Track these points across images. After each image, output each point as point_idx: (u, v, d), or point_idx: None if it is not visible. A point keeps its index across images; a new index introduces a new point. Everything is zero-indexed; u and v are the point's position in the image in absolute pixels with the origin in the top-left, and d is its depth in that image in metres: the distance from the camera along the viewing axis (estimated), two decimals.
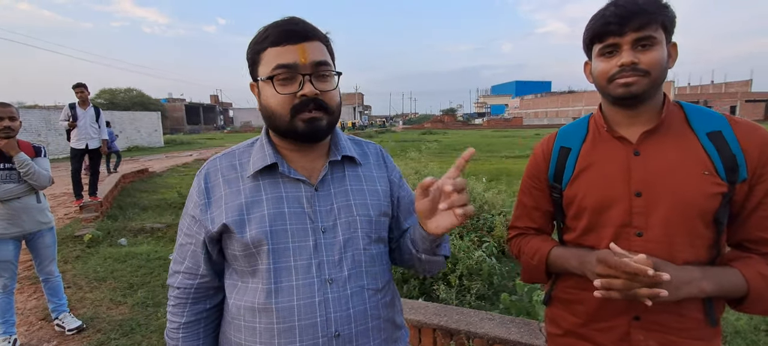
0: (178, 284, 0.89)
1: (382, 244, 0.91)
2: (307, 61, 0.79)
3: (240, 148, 0.92)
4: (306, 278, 0.80)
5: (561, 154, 1.03)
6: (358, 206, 0.87)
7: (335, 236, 0.83)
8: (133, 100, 38.30)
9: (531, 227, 1.12)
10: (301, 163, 0.88)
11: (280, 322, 0.79)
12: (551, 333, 1.10)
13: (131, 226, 5.35)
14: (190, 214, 0.88)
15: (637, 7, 0.83)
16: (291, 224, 0.82)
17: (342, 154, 0.89)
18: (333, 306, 0.80)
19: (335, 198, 0.86)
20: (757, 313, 0.87)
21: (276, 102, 0.80)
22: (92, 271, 3.88)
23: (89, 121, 5.82)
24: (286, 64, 0.78)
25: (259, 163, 0.85)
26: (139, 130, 20.82)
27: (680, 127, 0.91)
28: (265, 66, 0.81)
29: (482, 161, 13.09)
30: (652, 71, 0.85)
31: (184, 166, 11.62)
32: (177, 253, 0.90)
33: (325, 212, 0.84)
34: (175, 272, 0.90)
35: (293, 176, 0.85)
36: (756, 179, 0.85)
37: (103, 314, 3.10)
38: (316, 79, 0.80)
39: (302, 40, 0.79)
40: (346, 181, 0.89)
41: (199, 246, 0.86)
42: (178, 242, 0.91)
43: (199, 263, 0.87)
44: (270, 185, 0.85)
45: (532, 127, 48.44)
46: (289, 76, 0.79)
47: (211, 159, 0.91)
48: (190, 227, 0.87)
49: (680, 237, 0.86)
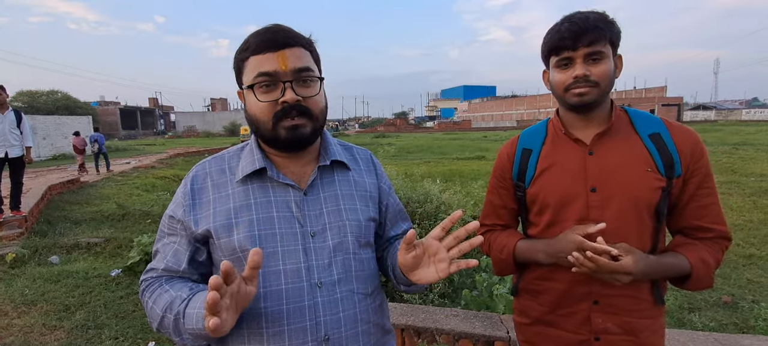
0: (156, 275, 0.84)
1: (370, 249, 0.93)
2: (288, 68, 0.79)
3: (229, 152, 0.91)
4: (295, 282, 0.80)
5: (523, 156, 1.11)
6: (348, 210, 0.88)
7: (325, 240, 0.84)
8: (57, 103, 34.57)
9: (498, 224, 1.20)
10: (291, 168, 0.88)
11: (269, 326, 0.79)
12: (520, 323, 1.18)
13: (63, 242, 4.85)
14: (170, 214, 0.86)
15: (588, 25, 0.93)
16: (280, 228, 0.82)
17: (331, 159, 0.90)
18: (322, 310, 0.81)
19: (325, 202, 0.87)
20: (696, 289, 1.00)
21: (258, 109, 0.80)
22: (19, 294, 3.46)
23: (8, 127, 5.16)
24: (266, 72, 0.78)
25: (248, 167, 0.85)
26: (66, 137, 18.86)
27: (626, 129, 1.03)
28: (248, 74, 0.81)
29: (435, 163, 13.48)
30: (601, 82, 0.96)
31: (121, 175, 10.71)
32: (158, 254, 0.87)
33: (315, 216, 0.85)
34: (152, 268, 0.86)
35: (282, 180, 0.85)
36: (689, 175, 0.99)
37: (34, 341, 2.78)
38: (297, 85, 0.80)
39: (282, 48, 0.80)
40: (336, 185, 0.90)
41: (183, 245, 0.84)
42: (158, 245, 0.88)
43: (181, 260, 0.84)
44: (259, 189, 0.84)
45: (479, 129, 50.66)
46: (271, 83, 0.79)
47: (200, 163, 0.90)
48: (172, 227, 0.85)
49: (630, 227, 0.97)
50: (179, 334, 0.76)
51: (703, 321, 3.00)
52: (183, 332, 0.75)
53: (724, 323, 2.99)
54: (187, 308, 0.75)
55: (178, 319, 0.75)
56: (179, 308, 0.75)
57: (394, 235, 1.01)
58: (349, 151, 0.99)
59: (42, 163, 14.41)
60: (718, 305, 3.29)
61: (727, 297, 3.39)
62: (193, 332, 0.73)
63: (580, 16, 0.95)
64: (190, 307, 0.74)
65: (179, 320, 0.75)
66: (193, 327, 0.72)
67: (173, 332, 0.77)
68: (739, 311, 3.17)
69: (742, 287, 3.62)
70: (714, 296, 3.41)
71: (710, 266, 0.97)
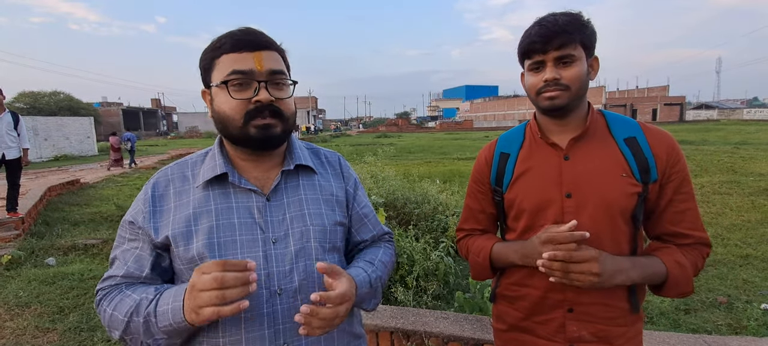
0: (114, 282, 0.80)
1: (337, 253, 0.91)
2: (264, 68, 0.79)
3: (193, 158, 0.90)
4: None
5: (501, 160, 1.10)
6: (313, 215, 0.87)
7: (287, 246, 0.83)
8: (59, 104, 34.67)
9: (477, 229, 1.18)
10: (254, 173, 0.87)
11: (225, 335, 0.78)
12: (497, 329, 1.16)
13: (60, 243, 4.86)
14: (130, 220, 0.83)
15: (558, 28, 0.92)
16: (240, 234, 0.81)
17: (296, 163, 0.89)
18: (281, 318, 0.80)
19: (288, 208, 0.86)
20: (673, 296, 0.98)
21: (229, 107, 0.79)
22: (13, 296, 3.47)
23: (5, 129, 5.19)
24: (241, 70, 0.78)
25: (208, 173, 0.84)
26: (67, 138, 18.94)
27: (602, 133, 1.01)
28: (220, 72, 0.80)
29: (435, 163, 13.45)
30: (572, 86, 0.94)
31: (121, 176, 10.74)
32: (116, 261, 0.83)
33: (277, 222, 0.84)
34: (110, 276, 0.82)
35: (244, 185, 0.84)
36: (665, 180, 0.97)
37: (27, 343, 2.78)
38: (271, 86, 0.81)
39: (259, 49, 0.80)
40: (300, 190, 0.89)
41: (146, 250, 0.82)
42: (116, 252, 0.84)
43: (143, 266, 0.81)
44: (220, 195, 0.83)
45: (481, 129, 50.57)
46: (244, 82, 0.79)
47: (163, 168, 0.89)
48: (134, 232, 0.83)
49: (605, 233, 0.96)
50: (151, 336, 0.74)
51: (699, 322, 2.98)
52: (156, 333, 0.73)
53: (718, 324, 2.96)
54: (158, 307, 0.73)
55: (148, 320, 0.73)
56: (149, 309, 0.73)
57: (361, 240, 0.99)
58: (316, 155, 0.99)
59: (43, 165, 14.46)
60: (714, 306, 3.26)
61: (723, 298, 3.36)
62: (169, 329, 0.72)
63: (550, 19, 0.93)
64: (162, 304, 0.73)
65: (150, 320, 0.73)
66: (168, 323, 0.71)
67: (144, 335, 0.75)
68: (733, 311, 3.15)
69: (738, 287, 3.59)
70: (710, 297, 3.39)
71: (687, 270, 0.94)
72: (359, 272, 0.86)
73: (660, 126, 1.04)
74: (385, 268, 0.95)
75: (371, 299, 0.89)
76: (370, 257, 0.95)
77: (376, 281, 0.90)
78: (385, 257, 0.97)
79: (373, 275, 0.89)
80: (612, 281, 0.90)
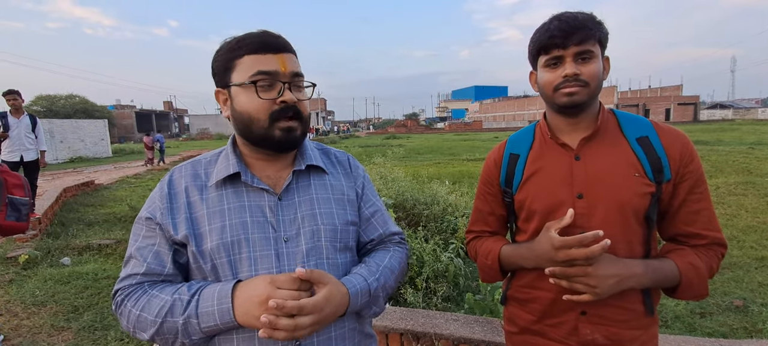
0: (136, 281, 0.79)
1: (349, 253, 0.91)
2: (287, 70, 0.81)
3: (206, 157, 0.91)
4: None
5: (511, 161, 1.09)
6: (324, 214, 0.87)
7: (298, 245, 0.83)
8: (75, 107, 35.48)
9: (486, 231, 1.18)
10: (266, 172, 0.88)
11: (239, 333, 0.79)
12: (509, 332, 1.15)
13: (75, 243, 4.95)
14: (147, 216, 0.83)
15: (578, 23, 0.91)
16: (253, 233, 0.81)
17: (307, 163, 0.90)
18: None
19: (299, 207, 0.86)
20: (687, 299, 0.96)
21: (254, 107, 0.80)
22: (29, 295, 3.55)
23: (24, 131, 5.35)
24: (267, 71, 0.80)
25: (222, 172, 0.85)
26: (82, 140, 19.33)
27: (614, 133, 1.00)
28: (242, 72, 0.80)
29: (445, 164, 13.40)
30: (591, 82, 0.93)
31: (135, 176, 10.91)
32: (132, 260, 0.81)
33: (289, 221, 0.84)
34: (130, 275, 0.80)
35: (256, 184, 0.85)
36: (679, 179, 0.95)
37: (43, 342, 2.84)
38: (293, 88, 0.83)
39: (281, 51, 0.82)
40: (312, 190, 0.89)
41: (165, 246, 0.82)
42: (132, 249, 0.83)
43: (164, 263, 0.81)
44: (233, 194, 0.84)
45: (491, 130, 50.24)
46: (269, 83, 0.80)
47: (178, 166, 0.90)
48: (151, 229, 0.83)
49: (618, 235, 0.94)
50: (188, 336, 0.74)
51: (714, 326, 2.92)
52: (195, 334, 0.74)
53: (734, 328, 2.89)
54: (199, 309, 0.73)
55: (188, 322, 0.73)
56: (189, 310, 0.73)
57: (368, 240, 0.98)
58: (327, 155, 0.99)
59: (58, 166, 14.78)
60: (730, 310, 3.19)
61: (739, 301, 3.29)
62: (213, 329, 0.73)
63: (569, 15, 0.92)
64: (204, 306, 0.73)
65: (190, 322, 0.73)
66: (214, 324, 0.72)
67: (182, 336, 0.74)
68: (749, 314, 3.07)
69: (754, 290, 3.51)
70: (726, 301, 3.31)
71: (702, 272, 0.92)
72: (357, 280, 0.83)
73: (674, 126, 1.02)
74: (392, 274, 0.92)
75: (371, 306, 0.87)
76: (374, 262, 0.91)
77: (377, 289, 0.86)
78: (392, 262, 0.94)
79: (374, 284, 0.85)
80: (623, 285, 0.89)
